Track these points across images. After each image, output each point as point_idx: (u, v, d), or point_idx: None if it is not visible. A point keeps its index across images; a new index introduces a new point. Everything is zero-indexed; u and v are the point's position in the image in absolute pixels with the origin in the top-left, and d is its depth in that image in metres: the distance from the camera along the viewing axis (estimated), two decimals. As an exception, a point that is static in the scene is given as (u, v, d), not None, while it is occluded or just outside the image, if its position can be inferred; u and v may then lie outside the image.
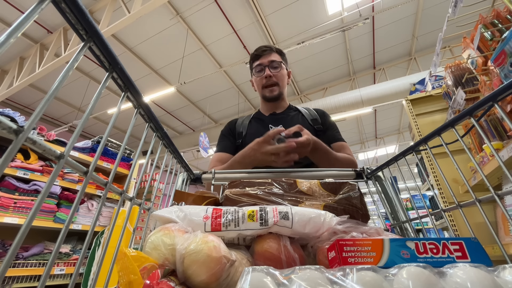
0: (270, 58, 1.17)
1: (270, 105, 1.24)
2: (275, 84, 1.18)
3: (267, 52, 1.18)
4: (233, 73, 6.63)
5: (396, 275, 0.30)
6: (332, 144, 1.10)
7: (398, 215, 0.58)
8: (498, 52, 1.12)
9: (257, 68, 1.18)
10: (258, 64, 1.18)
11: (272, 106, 1.24)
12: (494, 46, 1.28)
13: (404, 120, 8.40)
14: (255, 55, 1.20)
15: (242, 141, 1.16)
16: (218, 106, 7.94)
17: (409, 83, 5.05)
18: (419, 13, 5.15)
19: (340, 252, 0.33)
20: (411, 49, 6.17)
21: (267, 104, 1.25)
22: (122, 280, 0.42)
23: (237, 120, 1.27)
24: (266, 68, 1.15)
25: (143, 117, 0.53)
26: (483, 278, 0.21)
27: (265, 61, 1.17)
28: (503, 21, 1.29)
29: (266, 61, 1.17)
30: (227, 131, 1.23)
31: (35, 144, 0.27)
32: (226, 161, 1.01)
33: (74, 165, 0.35)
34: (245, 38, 5.72)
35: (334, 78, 7.08)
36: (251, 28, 5.46)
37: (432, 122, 2.14)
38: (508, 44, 1.05)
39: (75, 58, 0.32)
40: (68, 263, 2.08)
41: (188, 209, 0.51)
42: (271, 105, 1.24)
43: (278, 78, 1.18)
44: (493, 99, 0.37)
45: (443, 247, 0.30)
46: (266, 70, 1.15)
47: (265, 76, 1.16)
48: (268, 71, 1.15)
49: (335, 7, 4.92)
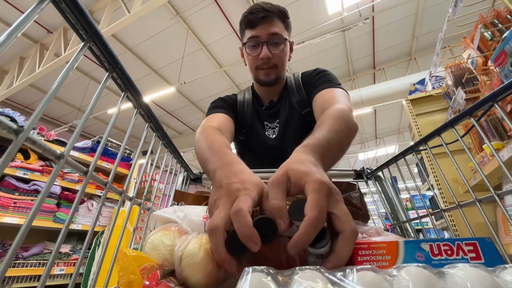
0: (271, 29, 0.84)
1: (264, 91, 0.98)
2: (273, 67, 0.88)
3: (266, 20, 0.83)
4: (233, 73, 6.63)
5: (396, 276, 0.30)
6: (315, 97, 0.82)
7: (398, 215, 0.58)
8: (498, 52, 1.10)
9: (252, 42, 0.86)
10: (253, 36, 0.85)
11: (267, 91, 0.98)
12: (494, 46, 1.27)
13: (404, 120, 8.40)
14: (249, 20, 0.85)
15: (245, 137, 0.97)
16: (218, 106, 7.96)
17: (409, 83, 5.02)
18: (419, 13, 5.15)
19: (356, 256, 0.32)
20: (411, 49, 6.16)
21: (261, 89, 0.99)
22: (122, 280, 0.42)
23: (237, 98, 1.00)
24: (264, 46, 0.84)
25: (143, 117, 0.53)
26: (483, 278, 0.21)
27: (264, 34, 0.84)
28: (503, 21, 1.28)
29: (265, 34, 0.84)
30: (224, 104, 0.95)
31: (35, 144, 0.27)
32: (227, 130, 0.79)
33: (74, 165, 0.35)
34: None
35: None
36: None
37: (432, 122, 2.14)
38: (508, 44, 1.04)
39: (75, 58, 0.32)
40: (68, 263, 2.08)
41: (188, 209, 0.51)
42: (266, 90, 0.98)
43: (278, 59, 0.87)
44: (493, 99, 0.37)
45: (457, 248, 0.30)
46: (264, 48, 0.84)
47: (262, 57, 0.85)
48: (266, 50, 0.84)
49: (335, 7, 4.93)
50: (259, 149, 0.97)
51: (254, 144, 0.97)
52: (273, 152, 0.95)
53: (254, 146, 0.97)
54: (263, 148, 0.96)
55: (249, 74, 0.95)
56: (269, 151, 0.96)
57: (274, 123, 0.95)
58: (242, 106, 0.97)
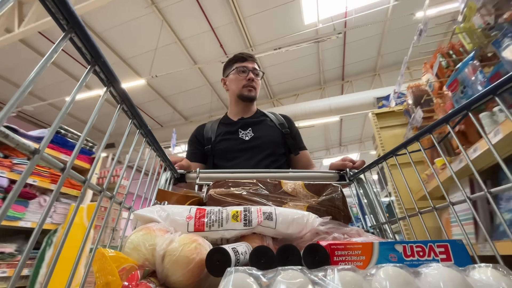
0: (254, 66, 1.29)
1: (242, 107, 1.31)
2: (254, 88, 1.28)
3: (251, 60, 1.31)
4: (207, 70, 6.48)
5: (374, 275, 0.32)
6: (301, 152, 1.25)
7: (378, 216, 0.63)
8: (452, 79, 1.27)
9: (241, 69, 1.27)
10: (244, 66, 1.27)
11: (243, 108, 1.31)
12: (449, 73, 1.44)
13: (366, 130, 8.97)
14: (241, 57, 1.30)
15: (211, 146, 1.20)
16: (189, 103, 7.69)
17: (373, 96, 5.50)
18: (385, 33, 5.65)
19: (332, 256, 0.34)
20: (376, 65, 6.69)
21: (239, 105, 1.31)
22: (99, 281, 0.40)
23: (205, 126, 1.31)
24: (250, 72, 1.26)
25: (126, 113, 0.50)
26: (454, 277, 0.24)
27: (250, 66, 1.28)
28: (457, 53, 1.47)
29: (251, 67, 1.28)
30: (194, 139, 1.29)
31: (7, 138, 0.25)
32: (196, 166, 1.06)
33: (50, 161, 0.32)
34: (222, 37, 5.64)
35: (306, 86, 7.33)
36: (229, 28, 5.41)
37: (393, 135, 2.36)
38: (460, 74, 1.20)
39: (54, 49, 0.30)
40: (12, 264, 1.85)
41: (171, 208, 0.50)
42: (243, 107, 1.31)
43: (256, 85, 1.29)
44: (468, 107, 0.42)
45: (429, 250, 0.33)
46: (250, 73, 1.26)
47: (248, 78, 1.25)
48: (251, 74, 1.26)
49: (311, 17, 5.14)
50: (232, 151, 1.19)
51: (226, 147, 1.20)
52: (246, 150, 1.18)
53: (226, 149, 1.20)
54: (236, 150, 1.18)
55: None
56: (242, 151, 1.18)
57: (246, 131, 1.23)
58: (208, 129, 1.28)
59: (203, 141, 1.25)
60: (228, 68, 1.33)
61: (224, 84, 1.36)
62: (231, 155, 1.17)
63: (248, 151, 1.17)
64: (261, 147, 1.17)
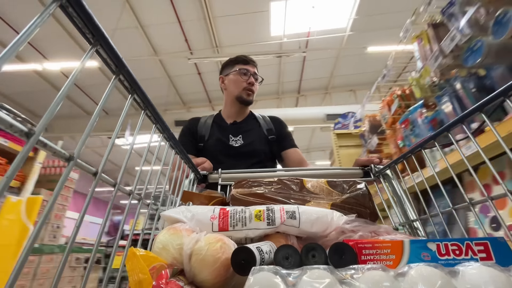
0: (255, 70, 1.33)
1: (237, 109, 1.34)
2: (252, 92, 1.32)
3: (253, 64, 1.34)
4: (167, 62, 6.06)
5: (406, 275, 0.30)
6: (288, 150, 1.28)
7: (408, 213, 0.59)
8: (404, 118, 1.62)
9: (244, 71, 1.29)
10: (246, 69, 1.30)
11: (238, 110, 1.34)
12: (400, 112, 1.83)
13: (313, 141, 9.27)
14: (243, 59, 1.32)
15: (204, 145, 1.23)
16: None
17: (323, 113, 6.17)
18: (339, 58, 6.28)
19: (359, 255, 0.33)
20: (328, 85, 7.30)
21: (234, 107, 1.33)
22: (132, 279, 0.42)
23: (199, 121, 1.32)
24: (251, 76, 1.30)
25: (149, 118, 0.53)
26: (497, 277, 0.22)
27: (251, 70, 1.31)
28: (407, 97, 1.86)
29: (252, 71, 1.31)
30: (187, 131, 1.29)
31: (45, 147, 0.27)
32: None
33: (84, 166, 0.34)
34: (188, 32, 5.34)
35: (265, 93, 7.41)
36: (197, 24, 5.15)
37: (348, 154, 2.71)
38: (411, 115, 1.55)
39: (82, 62, 0.32)
40: None
41: (195, 209, 0.51)
42: (238, 109, 1.34)
43: (255, 90, 1.33)
44: (504, 94, 0.39)
45: (467, 248, 0.30)
46: (251, 77, 1.29)
47: (249, 82, 1.29)
48: (252, 79, 1.30)
49: (278, 30, 5.40)
50: (221, 155, 1.21)
51: (216, 150, 1.23)
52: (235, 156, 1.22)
53: (216, 152, 1.22)
54: (225, 154, 1.22)
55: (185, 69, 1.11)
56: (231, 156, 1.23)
57: (237, 137, 1.26)
58: (202, 125, 1.30)
59: (196, 135, 1.27)
60: (229, 67, 1.34)
61: (222, 82, 1.37)
62: (219, 158, 1.18)
63: (236, 157, 1.21)
64: (249, 154, 1.22)
